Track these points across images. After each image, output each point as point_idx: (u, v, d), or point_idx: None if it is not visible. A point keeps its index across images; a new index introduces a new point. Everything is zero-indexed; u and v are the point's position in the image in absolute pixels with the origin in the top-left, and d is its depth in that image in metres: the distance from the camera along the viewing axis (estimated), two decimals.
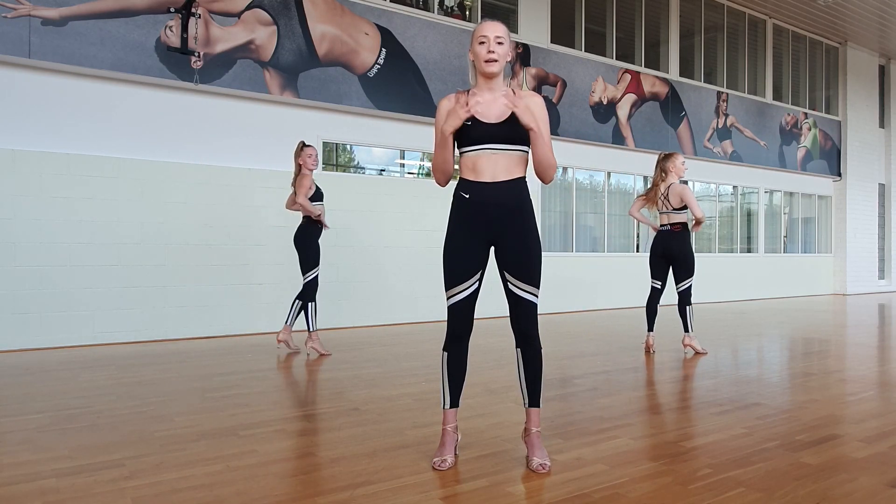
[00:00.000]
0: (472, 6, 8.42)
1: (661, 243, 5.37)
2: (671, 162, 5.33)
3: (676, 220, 5.30)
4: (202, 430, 3.09)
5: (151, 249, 6.14)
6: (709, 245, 11.56)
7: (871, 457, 2.70)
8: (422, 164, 8.25)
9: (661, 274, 5.45)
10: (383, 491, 2.30)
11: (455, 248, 2.55)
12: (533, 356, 2.57)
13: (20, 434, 3.02)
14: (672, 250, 5.30)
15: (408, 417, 3.31)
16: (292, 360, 5.08)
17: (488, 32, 2.48)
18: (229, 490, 2.32)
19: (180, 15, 6.07)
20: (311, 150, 5.26)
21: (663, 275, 5.45)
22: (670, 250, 5.31)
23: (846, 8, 11.65)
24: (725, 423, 3.23)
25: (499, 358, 5.10)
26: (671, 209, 5.29)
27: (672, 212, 5.30)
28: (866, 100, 13.90)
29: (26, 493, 2.29)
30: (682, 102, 10.66)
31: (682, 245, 5.29)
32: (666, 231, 5.36)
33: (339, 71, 7.10)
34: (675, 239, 5.30)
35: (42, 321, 5.67)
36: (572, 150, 9.35)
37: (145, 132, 6.15)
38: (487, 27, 2.50)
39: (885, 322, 8.24)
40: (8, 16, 5.35)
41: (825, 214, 13.69)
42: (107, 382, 4.21)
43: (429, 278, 7.71)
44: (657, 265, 5.44)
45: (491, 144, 2.49)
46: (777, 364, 5.13)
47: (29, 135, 5.64)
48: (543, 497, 2.27)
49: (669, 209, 5.31)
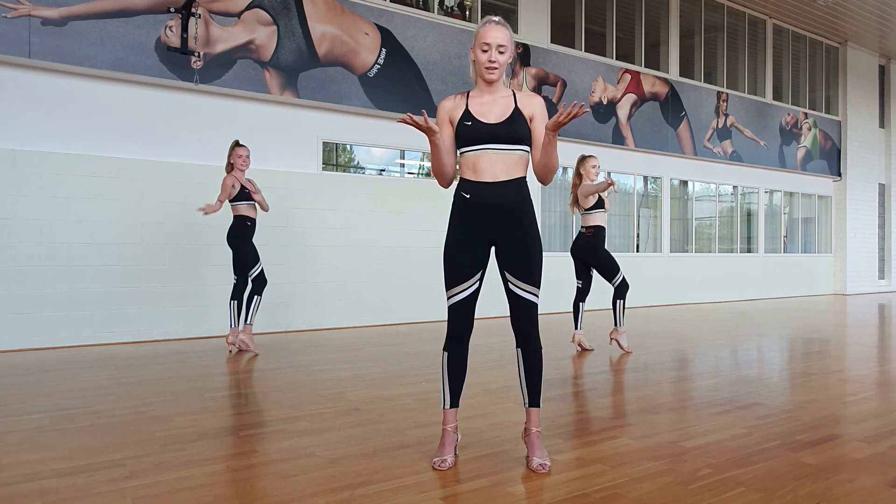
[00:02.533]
0: (472, 6, 8.42)
1: (576, 247, 5.44)
2: (583, 165, 5.33)
3: (590, 223, 5.32)
4: (202, 430, 3.09)
5: (151, 249, 6.14)
6: (709, 245, 11.56)
7: (871, 457, 2.70)
8: (422, 164, 8.25)
9: (581, 274, 5.52)
10: (383, 491, 2.30)
11: (456, 249, 2.55)
12: (533, 356, 2.56)
13: (20, 434, 3.02)
14: (586, 255, 5.37)
15: (408, 417, 3.30)
16: (292, 361, 5.08)
17: (491, 40, 2.47)
18: (229, 490, 2.32)
19: (180, 15, 6.07)
20: (241, 151, 5.26)
21: (582, 275, 5.51)
22: (585, 255, 5.38)
23: (846, 8, 11.64)
24: (725, 423, 3.23)
25: (499, 358, 5.10)
26: (583, 211, 5.34)
27: (585, 213, 5.34)
28: (866, 100, 13.90)
29: (26, 493, 2.29)
30: (682, 102, 10.66)
31: (593, 250, 5.32)
32: (580, 234, 5.42)
33: (339, 71, 7.10)
34: (587, 243, 5.35)
35: (42, 321, 5.67)
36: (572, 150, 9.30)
37: (145, 132, 6.15)
38: (491, 34, 2.47)
39: (885, 322, 8.24)
40: (8, 16, 5.35)
41: (825, 214, 13.69)
42: (107, 382, 4.21)
43: (429, 278, 7.71)
44: (576, 266, 5.52)
45: (491, 145, 2.49)
46: (777, 364, 5.13)
47: (29, 135, 5.64)
48: (543, 497, 2.27)
49: (582, 211, 5.36)
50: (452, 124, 2.57)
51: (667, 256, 10.73)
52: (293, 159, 7.02)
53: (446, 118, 2.58)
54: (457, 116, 2.55)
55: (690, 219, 11.26)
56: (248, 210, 5.34)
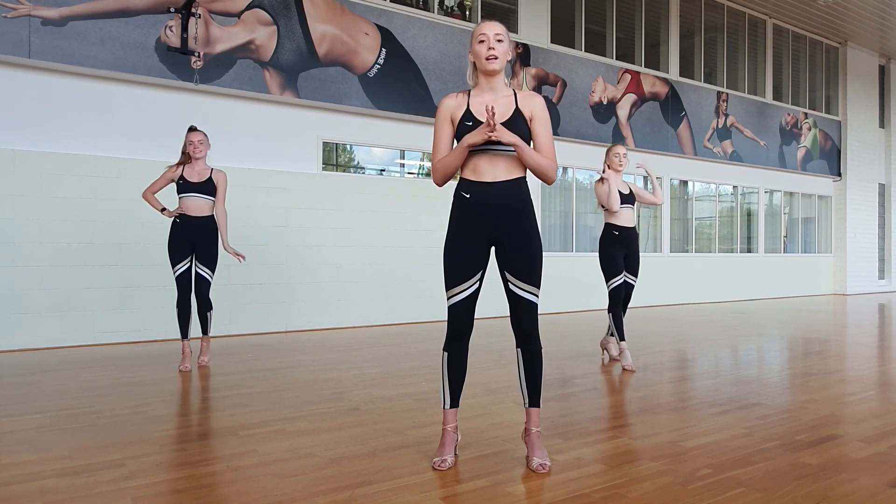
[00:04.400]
0: (472, 6, 8.42)
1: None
2: (606, 156, 5.11)
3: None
4: (202, 430, 3.09)
5: (151, 249, 6.13)
6: (709, 245, 11.56)
7: (871, 457, 2.70)
8: (422, 164, 8.25)
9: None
10: (383, 491, 2.30)
11: (455, 249, 2.55)
12: (533, 356, 2.56)
13: (20, 434, 3.02)
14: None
15: (408, 417, 3.30)
16: (292, 361, 5.08)
17: (487, 31, 2.50)
18: (229, 490, 2.32)
19: (180, 15, 6.07)
20: (191, 136, 4.62)
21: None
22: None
23: (846, 8, 11.64)
24: (725, 423, 3.23)
25: (499, 358, 5.10)
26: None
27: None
28: (866, 100, 13.90)
29: (26, 493, 2.29)
30: (682, 102, 10.66)
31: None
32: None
33: (339, 71, 7.10)
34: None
35: (42, 321, 5.66)
36: (572, 150, 9.35)
37: (145, 132, 6.15)
38: (486, 26, 2.52)
39: (885, 322, 8.24)
40: (8, 16, 5.35)
41: (825, 214, 13.69)
42: (107, 382, 4.21)
43: (429, 278, 7.71)
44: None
45: (491, 145, 2.49)
46: (777, 364, 5.12)
47: (29, 135, 5.64)
48: (543, 497, 2.27)
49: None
50: (454, 123, 2.57)
51: (667, 256, 10.73)
52: (293, 159, 7.02)
53: (447, 117, 2.58)
54: (458, 116, 2.55)
55: (690, 219, 11.26)
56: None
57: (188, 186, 4.59)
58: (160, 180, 4.68)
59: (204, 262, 4.67)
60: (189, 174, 4.62)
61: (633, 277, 4.86)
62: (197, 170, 4.64)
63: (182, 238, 4.62)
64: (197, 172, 4.63)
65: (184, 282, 4.66)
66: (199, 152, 4.61)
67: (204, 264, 4.67)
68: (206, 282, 4.69)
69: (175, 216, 4.63)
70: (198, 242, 4.63)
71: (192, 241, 4.63)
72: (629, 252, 4.81)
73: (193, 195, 4.60)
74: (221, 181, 4.68)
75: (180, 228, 4.62)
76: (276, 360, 5.07)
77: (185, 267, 4.66)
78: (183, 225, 4.62)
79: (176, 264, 4.64)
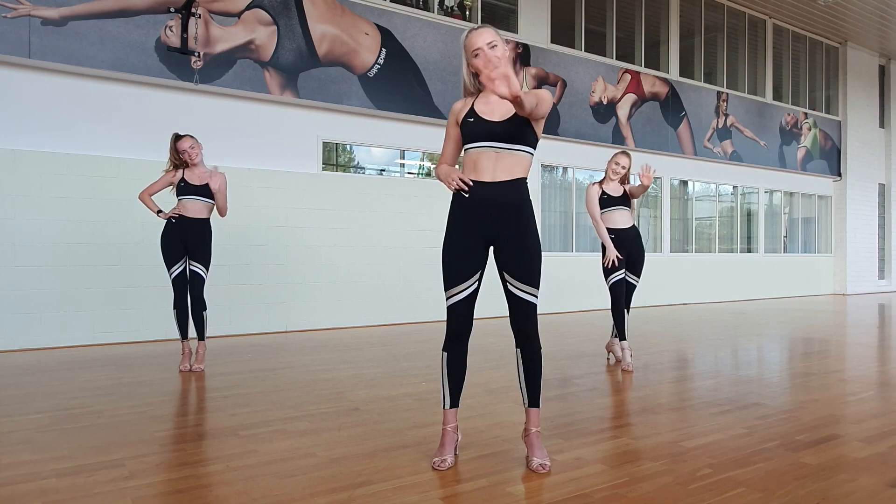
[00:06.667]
0: (472, 6, 8.42)
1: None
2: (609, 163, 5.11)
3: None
4: (202, 430, 3.09)
5: (151, 249, 6.12)
6: (709, 245, 11.56)
7: (871, 457, 2.70)
8: (422, 164, 8.25)
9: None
10: (383, 491, 2.30)
11: (454, 248, 2.55)
12: (532, 356, 2.56)
13: (20, 434, 3.02)
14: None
15: (408, 417, 3.30)
16: (292, 361, 5.08)
17: (479, 43, 2.48)
18: (229, 490, 2.32)
19: (180, 15, 6.07)
20: (181, 144, 4.59)
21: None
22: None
23: (846, 8, 11.64)
24: (725, 423, 3.23)
25: (499, 358, 5.09)
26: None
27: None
28: (866, 100, 13.90)
29: (26, 493, 2.29)
30: (682, 102, 10.65)
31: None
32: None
33: (339, 71, 7.10)
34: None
35: (42, 321, 5.66)
36: (572, 150, 9.35)
37: (145, 132, 6.15)
38: (475, 38, 2.49)
39: (885, 322, 8.24)
40: (8, 16, 5.35)
41: (825, 214, 13.68)
42: (107, 382, 4.21)
43: (428, 278, 7.71)
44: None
45: (492, 143, 2.49)
46: (777, 364, 5.12)
47: (29, 135, 5.64)
48: (543, 497, 2.27)
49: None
50: (458, 124, 2.59)
51: (667, 256, 10.73)
52: (293, 159, 7.02)
53: (454, 121, 2.63)
54: (461, 116, 2.57)
55: (690, 219, 11.26)
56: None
57: (189, 189, 4.62)
58: (158, 183, 4.69)
59: (198, 260, 4.67)
60: (190, 177, 4.64)
61: (634, 277, 4.87)
62: (197, 173, 4.66)
63: (176, 238, 4.62)
64: (198, 175, 4.66)
65: (180, 283, 4.66)
66: (195, 157, 4.62)
67: (198, 261, 4.67)
68: (200, 279, 4.68)
69: (172, 217, 4.63)
70: (191, 241, 4.64)
71: (185, 241, 4.63)
72: (630, 252, 4.81)
73: (193, 198, 4.63)
74: (221, 184, 4.68)
75: (175, 229, 4.63)
76: (275, 360, 5.07)
77: (182, 268, 4.67)
78: (179, 225, 4.62)
79: (171, 266, 4.64)
